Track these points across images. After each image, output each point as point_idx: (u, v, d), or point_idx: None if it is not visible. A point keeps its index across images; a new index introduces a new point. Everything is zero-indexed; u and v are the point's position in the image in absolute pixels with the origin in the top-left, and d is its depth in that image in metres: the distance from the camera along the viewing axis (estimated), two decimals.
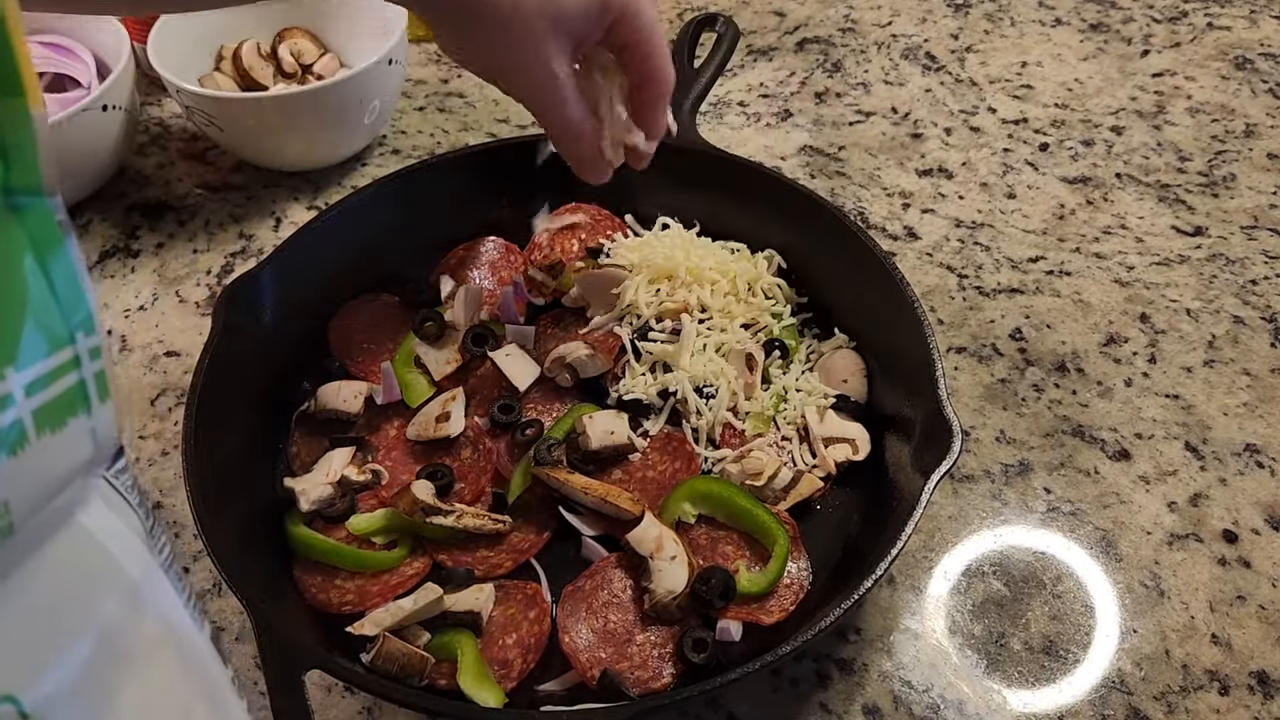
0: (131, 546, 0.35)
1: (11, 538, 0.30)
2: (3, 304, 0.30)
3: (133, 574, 0.35)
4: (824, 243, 0.81)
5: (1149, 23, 1.20)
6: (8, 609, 0.30)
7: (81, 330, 0.33)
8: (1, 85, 0.29)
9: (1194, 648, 0.68)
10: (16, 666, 0.31)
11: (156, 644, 0.35)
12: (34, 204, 0.31)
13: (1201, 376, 0.83)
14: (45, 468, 0.32)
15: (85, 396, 0.33)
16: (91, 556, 0.34)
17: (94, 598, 0.33)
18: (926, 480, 0.62)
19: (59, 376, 0.32)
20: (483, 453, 0.74)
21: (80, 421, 0.33)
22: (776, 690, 0.67)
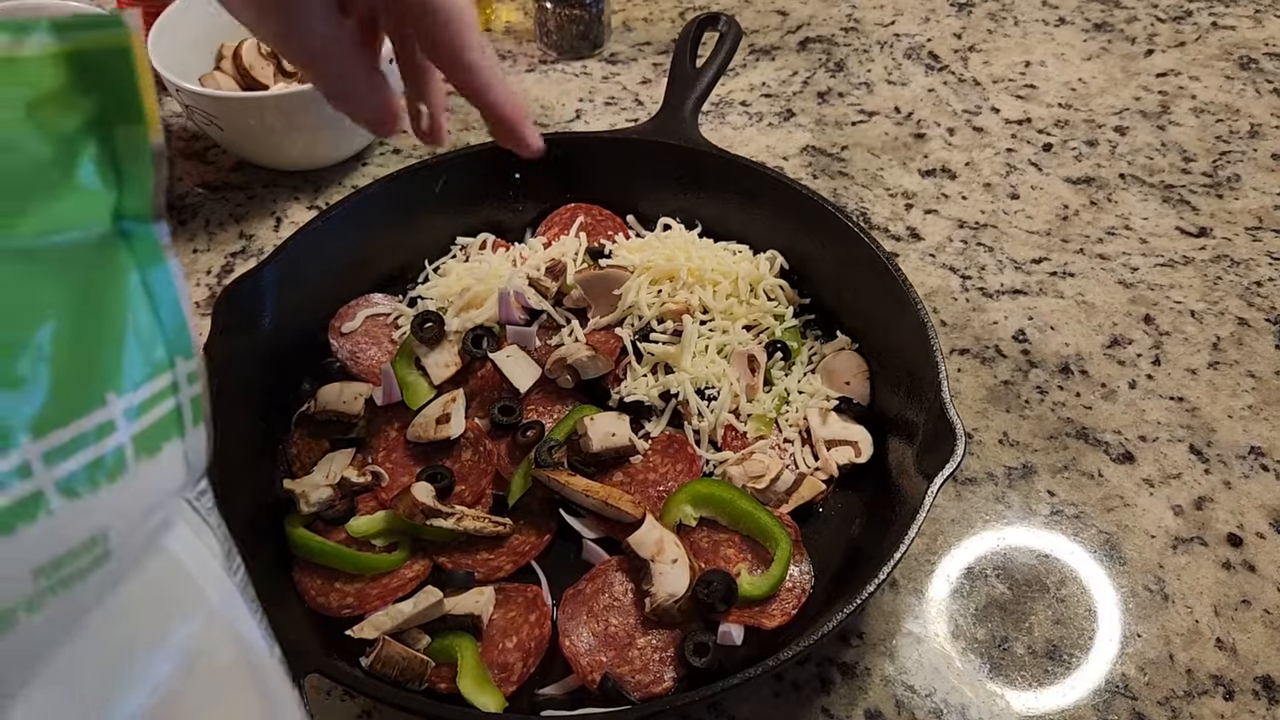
0: (212, 570, 0.35)
1: (107, 565, 0.30)
2: (108, 328, 0.30)
3: (212, 598, 0.35)
4: (826, 244, 0.80)
5: (1153, 22, 1.19)
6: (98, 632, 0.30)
7: (181, 355, 0.33)
8: (124, 113, 0.29)
9: (1198, 652, 0.67)
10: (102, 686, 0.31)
11: (232, 665, 0.35)
12: (142, 229, 0.31)
13: (1206, 379, 0.83)
14: (142, 494, 0.32)
15: (180, 421, 0.33)
16: (176, 580, 0.34)
17: (176, 620, 0.33)
18: (929, 483, 0.62)
19: (159, 401, 0.32)
20: (483, 454, 0.73)
21: (175, 446, 0.33)
22: (778, 695, 0.66)
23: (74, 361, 0.29)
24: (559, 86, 1.13)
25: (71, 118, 0.29)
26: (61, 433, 0.28)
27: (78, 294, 0.29)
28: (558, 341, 0.79)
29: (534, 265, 0.83)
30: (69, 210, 0.29)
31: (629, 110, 1.10)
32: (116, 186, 0.30)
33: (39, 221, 0.28)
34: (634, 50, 1.18)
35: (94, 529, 0.29)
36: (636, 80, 1.13)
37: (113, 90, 0.29)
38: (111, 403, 0.30)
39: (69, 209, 0.29)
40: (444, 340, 0.80)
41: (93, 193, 0.30)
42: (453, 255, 0.88)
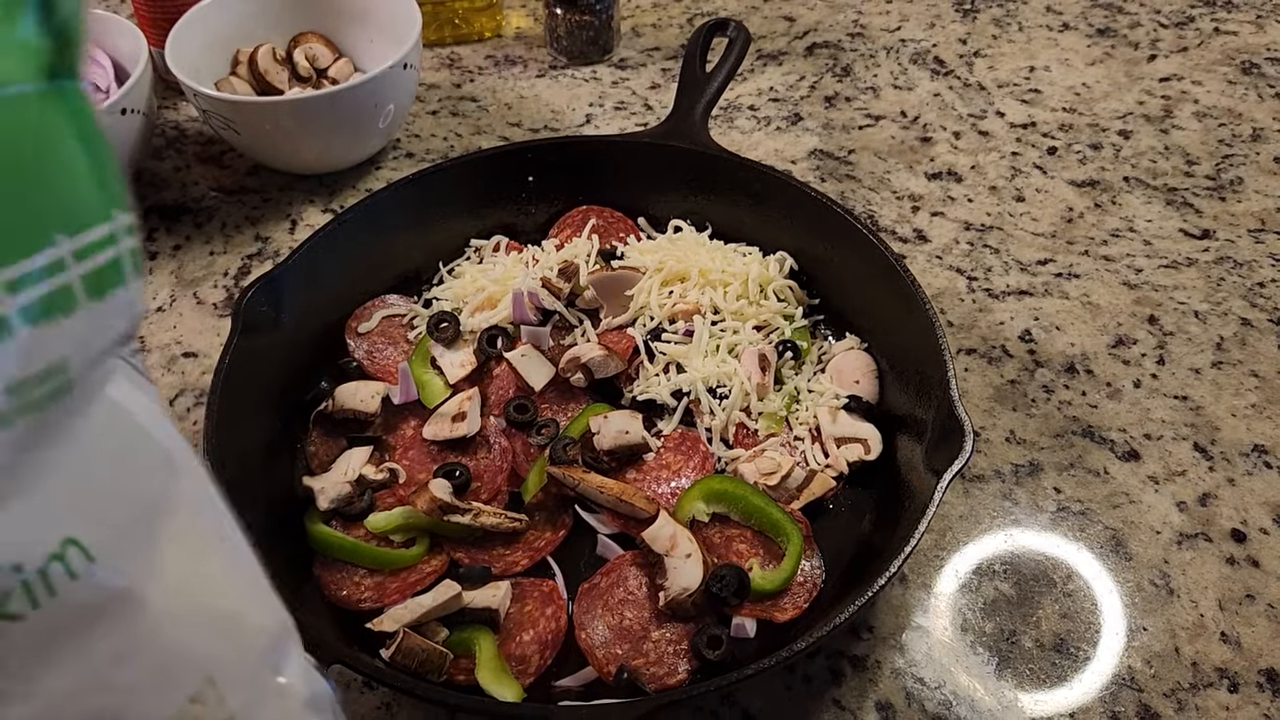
0: (157, 417, 0.38)
1: (70, 396, 0.33)
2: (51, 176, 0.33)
3: (164, 443, 0.38)
4: (835, 245, 0.82)
5: (1156, 28, 1.21)
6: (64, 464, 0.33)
7: (116, 207, 0.36)
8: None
9: (1203, 646, 0.68)
10: (75, 514, 0.33)
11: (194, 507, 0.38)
12: (73, 87, 0.34)
13: (1210, 378, 0.84)
14: (93, 332, 0.34)
15: (121, 270, 0.36)
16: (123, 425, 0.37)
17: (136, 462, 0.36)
18: (938, 479, 0.63)
19: (101, 249, 0.35)
20: (499, 452, 0.75)
21: (118, 293, 0.36)
22: (790, 687, 0.67)
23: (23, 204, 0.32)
24: (569, 91, 1.14)
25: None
26: (20, 265, 0.31)
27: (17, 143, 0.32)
28: (571, 341, 0.80)
29: (547, 267, 0.84)
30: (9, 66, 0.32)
31: (638, 115, 1.11)
32: (52, 43, 0.33)
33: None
34: (643, 56, 1.19)
35: (54, 357, 0.32)
36: (646, 85, 1.15)
37: None
38: (61, 243, 0.33)
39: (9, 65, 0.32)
40: (459, 340, 0.81)
41: (31, 48, 0.32)
42: (467, 257, 0.90)
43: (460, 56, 1.20)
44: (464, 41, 1.22)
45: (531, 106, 1.13)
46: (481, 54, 1.20)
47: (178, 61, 0.97)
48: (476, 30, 1.22)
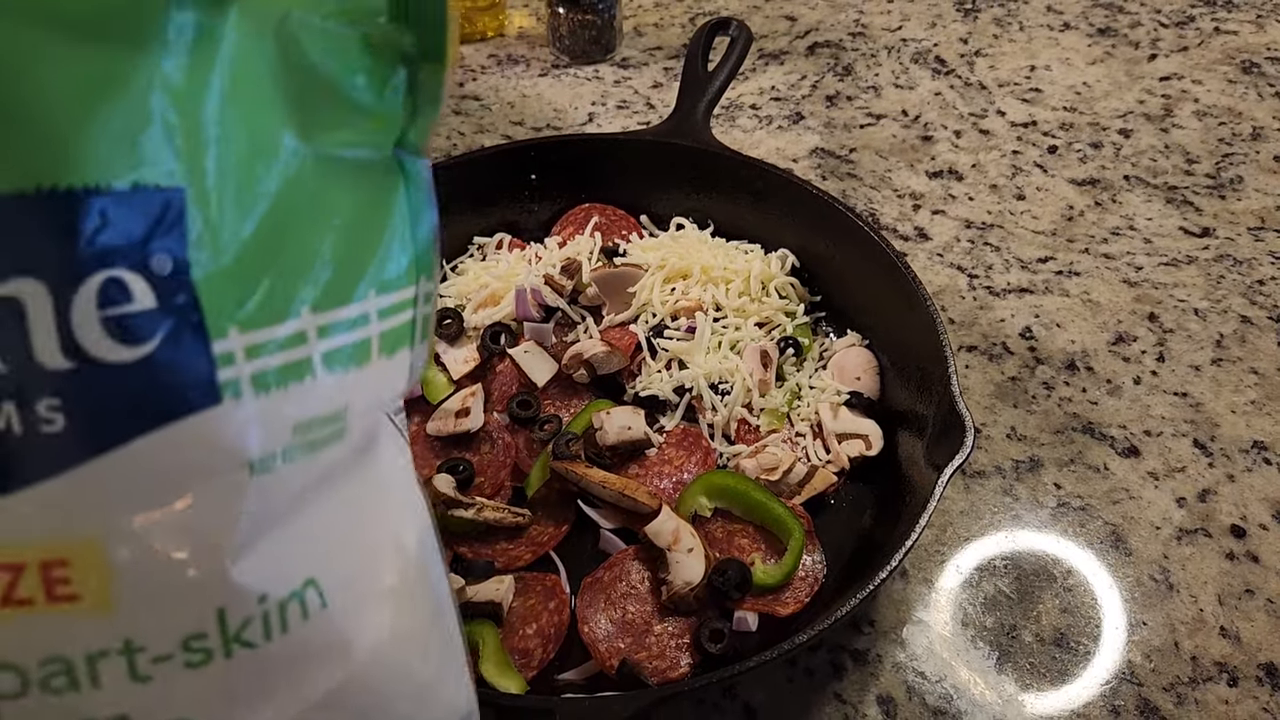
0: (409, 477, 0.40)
1: (341, 442, 0.35)
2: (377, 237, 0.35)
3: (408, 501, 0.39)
4: (836, 243, 0.82)
5: (1156, 27, 1.21)
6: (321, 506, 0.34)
7: (425, 274, 0.38)
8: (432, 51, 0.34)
9: (1203, 640, 0.69)
10: (320, 556, 0.34)
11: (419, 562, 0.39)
12: (414, 160, 0.37)
13: (1209, 375, 0.84)
14: (377, 386, 0.36)
15: (414, 332, 0.38)
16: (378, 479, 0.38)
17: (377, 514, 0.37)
18: (939, 474, 0.63)
19: (401, 310, 0.37)
20: (502, 447, 0.75)
21: (405, 353, 0.38)
22: (792, 680, 0.68)
23: (349, 257, 0.34)
24: (571, 90, 1.15)
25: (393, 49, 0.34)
26: (333, 313, 0.33)
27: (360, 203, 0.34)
28: (574, 338, 0.81)
29: (550, 264, 0.84)
30: (372, 129, 0.35)
31: (640, 114, 1.11)
32: (409, 116, 0.35)
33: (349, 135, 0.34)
34: (645, 55, 1.20)
35: (339, 404, 0.34)
36: (648, 84, 1.15)
37: (426, 29, 0.34)
38: (370, 299, 0.35)
39: (373, 128, 0.35)
40: (463, 336, 0.81)
41: (391, 118, 0.35)
42: (470, 254, 0.90)
43: (463, 56, 1.21)
44: (467, 41, 1.22)
45: (534, 105, 1.13)
46: (484, 53, 1.21)
47: None
48: (479, 29, 1.22)
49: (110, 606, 0.30)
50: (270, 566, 0.33)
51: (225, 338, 0.30)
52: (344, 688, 0.35)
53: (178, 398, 0.30)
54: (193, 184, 0.29)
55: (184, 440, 0.30)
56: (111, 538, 0.30)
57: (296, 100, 0.32)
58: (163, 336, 0.29)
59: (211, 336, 0.30)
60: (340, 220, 0.34)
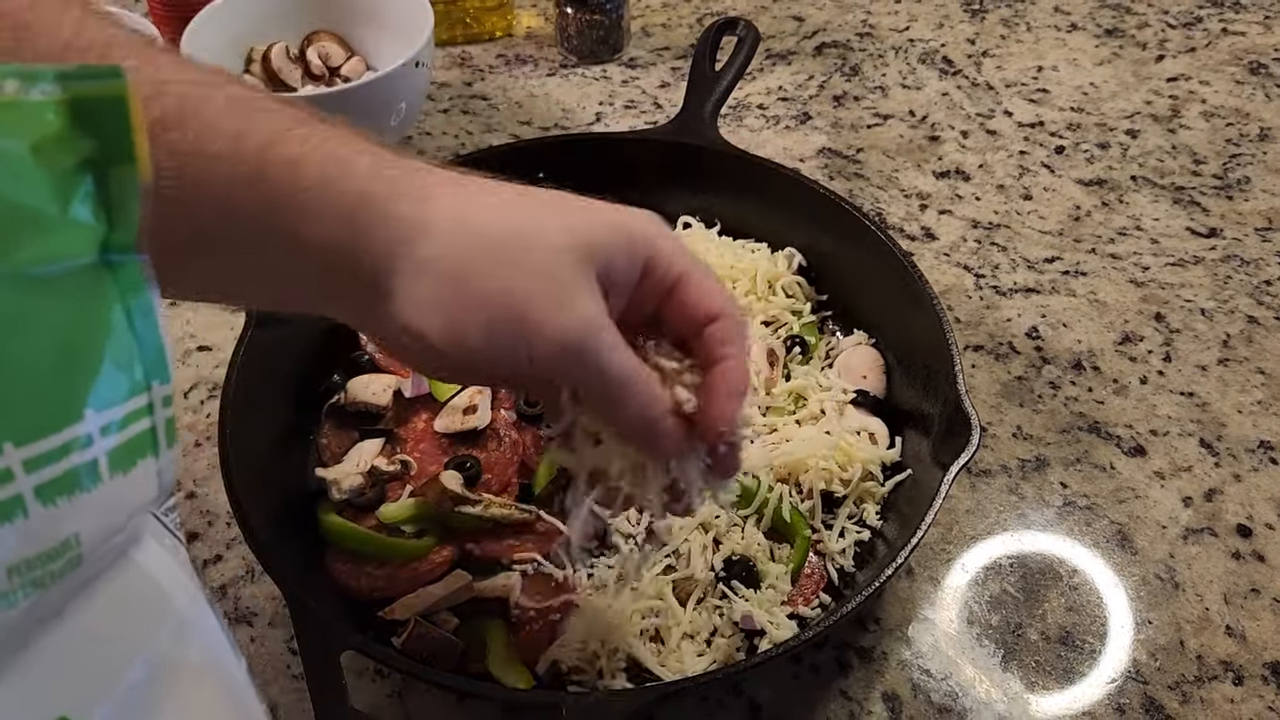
0: (179, 580, 0.37)
1: (78, 570, 0.32)
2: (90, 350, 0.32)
3: (180, 606, 0.37)
4: (843, 242, 0.82)
5: (1164, 28, 1.21)
6: (67, 636, 0.32)
7: (157, 379, 0.35)
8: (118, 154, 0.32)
9: (1208, 639, 0.69)
10: (72, 689, 0.32)
11: (201, 672, 0.37)
12: (127, 260, 0.34)
13: (1216, 375, 0.85)
14: (113, 506, 0.34)
15: (155, 441, 0.35)
16: (144, 589, 0.36)
17: (145, 628, 0.35)
18: (945, 473, 0.63)
19: (134, 420, 0.34)
20: (509, 444, 0.75)
21: (148, 464, 0.35)
22: (797, 677, 0.68)
23: (57, 378, 0.31)
24: (579, 90, 1.15)
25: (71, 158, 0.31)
26: (42, 443, 0.30)
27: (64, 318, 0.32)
28: None
29: None
30: (63, 242, 0.32)
31: (648, 113, 1.12)
32: (107, 221, 0.33)
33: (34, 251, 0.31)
34: (653, 55, 1.20)
35: (66, 534, 0.31)
36: (655, 84, 1.16)
37: (109, 133, 0.32)
38: (89, 418, 0.32)
39: (63, 241, 0.32)
40: None
41: (85, 226, 0.32)
42: None
43: (471, 55, 1.21)
44: (475, 40, 1.23)
45: (542, 105, 1.14)
46: (492, 53, 1.21)
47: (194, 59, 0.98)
48: (487, 29, 1.23)
49: None
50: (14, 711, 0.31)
51: None
52: None
53: None
54: None
55: None
56: None
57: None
58: None
59: None
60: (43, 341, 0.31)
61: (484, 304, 0.45)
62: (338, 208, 0.43)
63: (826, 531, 0.71)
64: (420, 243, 0.44)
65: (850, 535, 0.71)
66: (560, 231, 0.46)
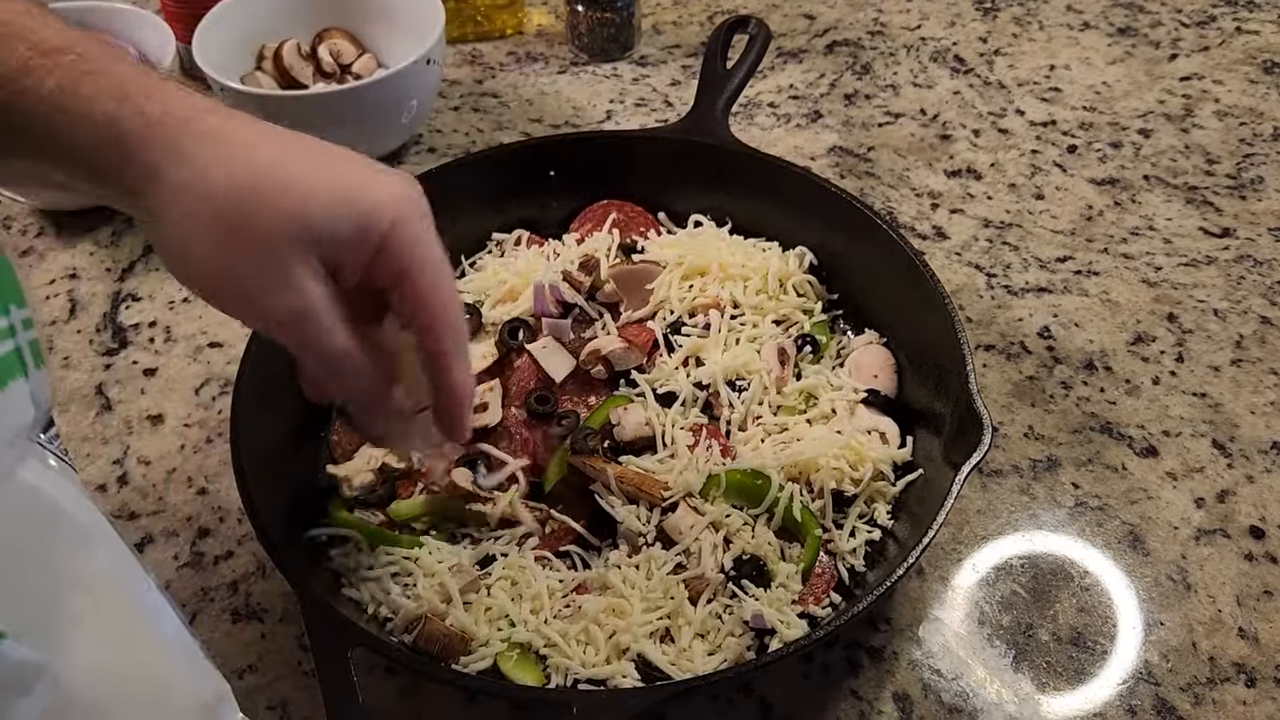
0: (74, 497, 0.40)
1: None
2: None
3: (80, 520, 0.39)
4: (855, 241, 0.82)
5: (1177, 27, 1.21)
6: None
7: (13, 303, 0.37)
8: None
9: (1221, 641, 0.69)
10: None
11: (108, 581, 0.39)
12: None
13: (1229, 375, 0.84)
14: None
15: (23, 362, 0.38)
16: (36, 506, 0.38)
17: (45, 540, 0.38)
18: (956, 473, 0.63)
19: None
20: (520, 442, 0.75)
21: (19, 385, 0.37)
22: (808, 676, 0.68)
23: None
24: (590, 88, 1.15)
25: None
26: None
27: None
28: (592, 334, 0.81)
29: (568, 260, 0.85)
30: None
31: (659, 111, 1.12)
32: None
33: None
34: (663, 53, 1.20)
35: None
36: (666, 82, 1.16)
37: None
38: None
39: None
40: (481, 332, 0.82)
41: None
42: (489, 251, 0.91)
43: (482, 53, 1.21)
44: (486, 38, 1.23)
45: (553, 103, 1.14)
46: (503, 50, 1.21)
47: (204, 56, 0.99)
48: (498, 27, 1.22)
49: None
50: None
51: None
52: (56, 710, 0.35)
53: None
54: None
55: None
56: None
57: None
58: None
59: None
60: None
61: (207, 271, 0.49)
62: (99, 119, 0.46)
63: (837, 531, 0.71)
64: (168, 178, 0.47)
65: (861, 535, 0.71)
66: (291, 205, 0.49)
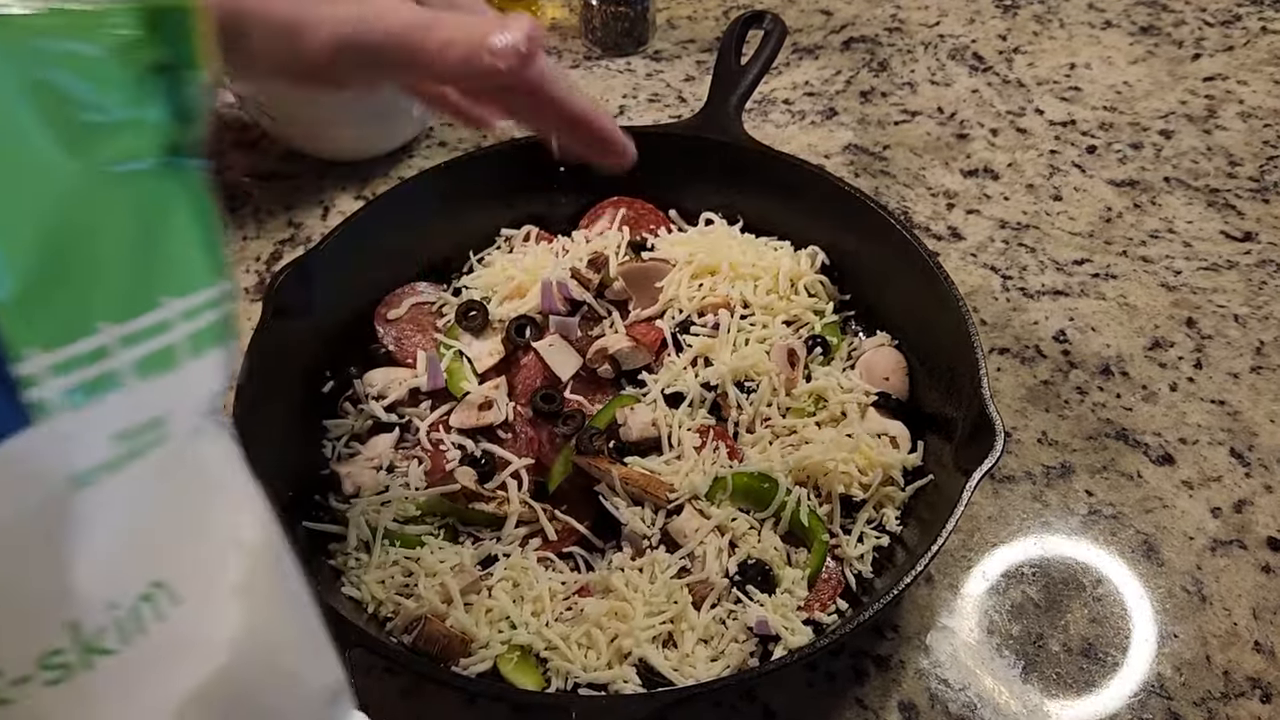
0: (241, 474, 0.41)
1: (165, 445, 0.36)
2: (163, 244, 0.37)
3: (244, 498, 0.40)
4: (868, 241, 0.81)
5: (1201, 26, 1.19)
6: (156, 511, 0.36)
7: (220, 275, 0.39)
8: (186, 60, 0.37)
9: (1236, 654, 0.67)
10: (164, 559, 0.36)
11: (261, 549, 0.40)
12: (190, 165, 0.38)
13: (1248, 383, 0.83)
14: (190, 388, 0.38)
15: (221, 333, 0.39)
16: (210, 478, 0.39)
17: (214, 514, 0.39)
18: (967, 478, 0.62)
19: (202, 312, 0.38)
20: (525, 441, 0.75)
21: (216, 354, 0.39)
22: (812, 684, 0.67)
23: (141, 267, 0.36)
24: (603, 83, 1.14)
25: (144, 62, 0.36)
26: (133, 324, 0.35)
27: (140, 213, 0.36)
28: (599, 332, 0.80)
29: (577, 257, 0.84)
30: (138, 142, 0.36)
31: (672, 107, 1.11)
32: (175, 124, 0.37)
33: (114, 149, 0.35)
34: (678, 48, 1.19)
35: (155, 410, 0.36)
36: (680, 78, 1.14)
37: (178, 41, 0.36)
38: (167, 305, 0.36)
39: (138, 141, 0.36)
40: (488, 329, 0.81)
41: (157, 128, 0.36)
42: (497, 246, 0.90)
43: None
44: None
45: None
46: None
47: None
48: None
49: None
50: (113, 574, 0.34)
51: (24, 360, 0.32)
52: (209, 683, 0.36)
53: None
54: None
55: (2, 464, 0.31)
56: None
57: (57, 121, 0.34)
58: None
59: (10, 360, 0.31)
60: (125, 232, 0.35)
61: None
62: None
63: (845, 536, 0.70)
64: None
65: (869, 540, 0.70)
66: None
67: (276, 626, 0.40)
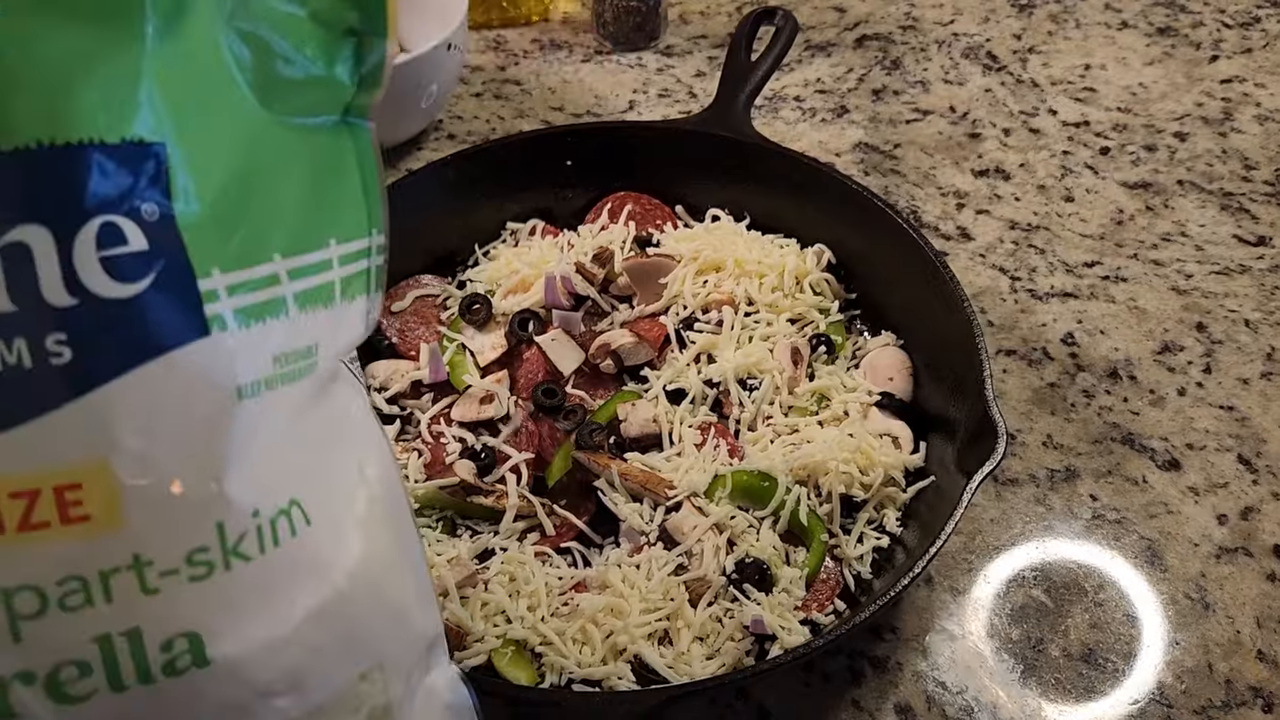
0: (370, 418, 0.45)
1: (313, 374, 0.39)
2: (332, 191, 0.40)
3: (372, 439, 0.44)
4: (875, 240, 0.80)
5: (1219, 28, 1.17)
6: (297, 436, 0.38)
7: (376, 228, 0.43)
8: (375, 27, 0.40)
9: (1239, 663, 0.66)
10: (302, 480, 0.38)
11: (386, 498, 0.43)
12: (362, 124, 0.42)
13: (1258, 389, 0.82)
14: (340, 327, 0.41)
15: (369, 281, 0.43)
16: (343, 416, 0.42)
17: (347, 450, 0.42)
18: (969, 480, 0.61)
19: (358, 259, 0.42)
20: (525, 435, 0.74)
21: (363, 300, 0.43)
22: (808, 685, 0.66)
23: (312, 209, 0.39)
24: (614, 77, 1.14)
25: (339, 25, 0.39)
26: (301, 258, 0.38)
27: (315, 162, 0.39)
28: (603, 328, 0.80)
29: (582, 252, 0.84)
30: (323, 98, 0.40)
31: (682, 103, 1.10)
32: (357, 85, 0.40)
33: (301, 102, 0.38)
34: (689, 43, 1.18)
35: (310, 339, 0.39)
36: (691, 73, 1.14)
37: (369, 7, 0.39)
38: (332, 246, 0.40)
39: (323, 97, 0.40)
40: (491, 322, 0.81)
41: (342, 86, 0.40)
42: (503, 240, 0.90)
43: (506, 39, 1.20)
44: (511, 24, 1.22)
45: (575, 91, 1.12)
46: (528, 37, 1.20)
47: None
48: (524, 14, 1.21)
49: (120, 524, 0.33)
50: (260, 484, 0.36)
51: (209, 277, 0.35)
52: (327, 605, 0.38)
53: (170, 330, 0.34)
54: (171, 140, 0.34)
55: (178, 368, 0.34)
56: (118, 460, 0.33)
57: (255, 71, 0.37)
58: (154, 275, 0.33)
59: (197, 275, 0.34)
60: (301, 176, 0.38)
61: None
62: None
63: (844, 536, 0.69)
64: None
65: (869, 541, 0.69)
66: None
67: (392, 565, 0.43)
